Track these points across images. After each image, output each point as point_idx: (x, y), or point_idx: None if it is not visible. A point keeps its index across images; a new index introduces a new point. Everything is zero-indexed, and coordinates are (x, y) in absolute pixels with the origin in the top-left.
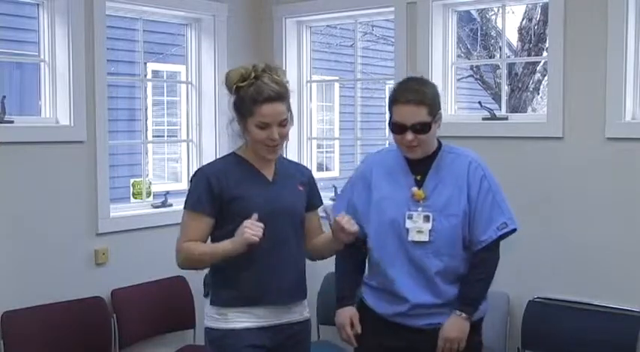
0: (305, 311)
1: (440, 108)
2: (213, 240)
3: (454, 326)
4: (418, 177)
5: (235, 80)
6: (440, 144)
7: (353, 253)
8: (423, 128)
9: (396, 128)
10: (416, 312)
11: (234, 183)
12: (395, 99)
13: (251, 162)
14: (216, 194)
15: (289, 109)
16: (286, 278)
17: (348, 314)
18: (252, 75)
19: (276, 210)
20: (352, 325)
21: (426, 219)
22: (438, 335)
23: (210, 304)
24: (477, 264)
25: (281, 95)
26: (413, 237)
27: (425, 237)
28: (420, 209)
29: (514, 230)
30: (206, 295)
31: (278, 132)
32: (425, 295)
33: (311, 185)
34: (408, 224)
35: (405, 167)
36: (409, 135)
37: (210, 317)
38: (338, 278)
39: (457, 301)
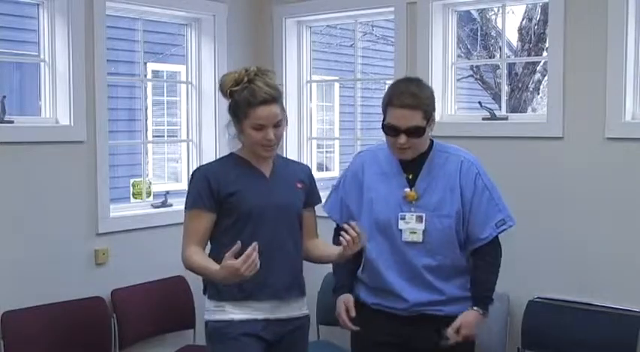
0: (304, 307)
1: (434, 110)
2: (211, 237)
3: (468, 318)
4: (410, 176)
5: (229, 85)
6: (431, 143)
7: None
8: (416, 132)
9: (390, 130)
10: (417, 309)
11: (231, 179)
12: (390, 102)
13: (249, 161)
14: (214, 190)
15: (283, 111)
16: (282, 276)
17: (342, 300)
18: (245, 79)
19: (271, 206)
20: (347, 310)
21: (419, 219)
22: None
23: (209, 298)
24: (481, 262)
25: (275, 97)
26: (406, 237)
27: (418, 238)
28: (412, 209)
29: (511, 226)
30: (204, 291)
31: (273, 132)
32: (423, 294)
33: (310, 183)
34: (401, 225)
35: (397, 166)
36: (402, 139)
37: (209, 310)
38: (336, 268)
39: (471, 299)
